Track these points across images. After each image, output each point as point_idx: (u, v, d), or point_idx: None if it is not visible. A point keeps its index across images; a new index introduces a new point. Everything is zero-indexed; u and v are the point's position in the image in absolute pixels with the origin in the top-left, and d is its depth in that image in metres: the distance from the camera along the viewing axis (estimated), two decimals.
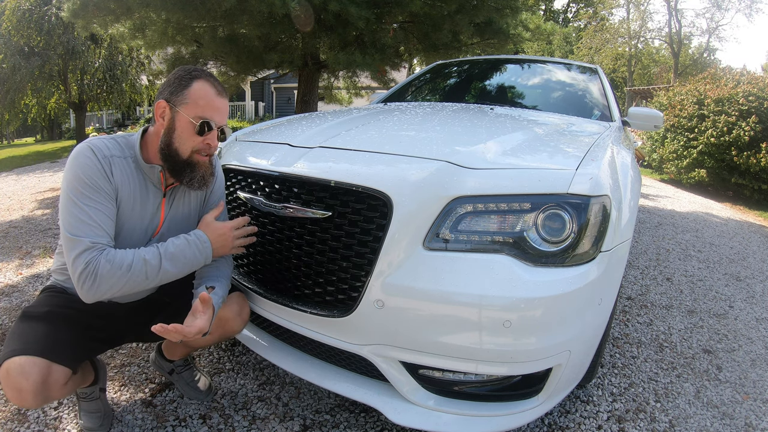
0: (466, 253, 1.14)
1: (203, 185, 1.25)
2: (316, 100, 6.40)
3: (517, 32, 6.05)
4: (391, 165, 1.25)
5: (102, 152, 1.15)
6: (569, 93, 2.68)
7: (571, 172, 1.20)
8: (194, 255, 1.20)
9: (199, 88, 1.17)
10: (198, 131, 1.17)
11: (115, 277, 1.09)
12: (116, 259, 1.10)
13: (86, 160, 1.13)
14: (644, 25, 25.23)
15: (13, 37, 12.38)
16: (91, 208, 1.10)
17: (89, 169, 1.12)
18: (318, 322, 1.26)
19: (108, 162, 1.16)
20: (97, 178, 1.12)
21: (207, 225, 1.26)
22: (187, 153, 1.19)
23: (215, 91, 1.19)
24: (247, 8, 4.37)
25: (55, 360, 1.10)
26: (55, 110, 17.11)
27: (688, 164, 7.27)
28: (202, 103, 1.17)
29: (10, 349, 1.09)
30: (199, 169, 1.22)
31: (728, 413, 1.66)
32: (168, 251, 1.16)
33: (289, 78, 10.83)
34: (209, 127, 1.18)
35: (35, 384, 1.06)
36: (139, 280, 1.13)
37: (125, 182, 1.19)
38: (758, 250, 3.96)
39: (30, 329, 1.15)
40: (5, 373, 1.06)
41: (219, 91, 1.20)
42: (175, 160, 1.19)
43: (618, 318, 2.38)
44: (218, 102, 1.19)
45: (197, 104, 1.16)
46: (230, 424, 1.44)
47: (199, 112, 1.16)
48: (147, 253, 1.14)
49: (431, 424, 1.20)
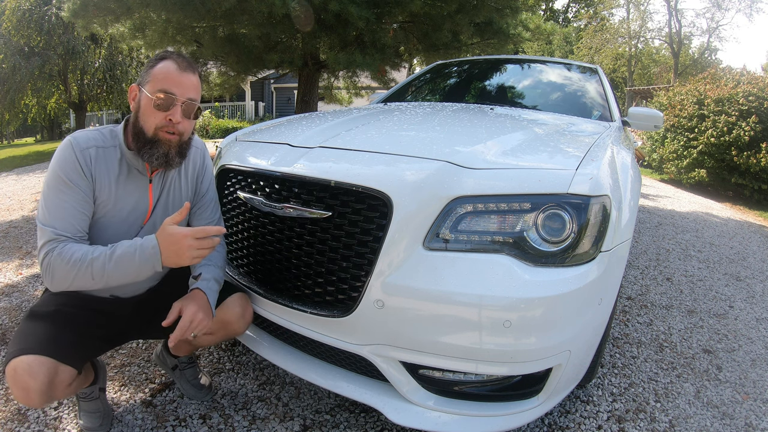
0: (466, 253, 1.14)
1: (166, 164, 1.21)
2: (316, 100, 6.40)
3: (517, 32, 6.05)
4: (391, 165, 1.25)
5: (80, 145, 1.17)
6: (569, 93, 2.68)
7: (571, 172, 1.20)
8: (140, 261, 1.12)
9: (163, 66, 1.18)
10: (156, 105, 1.16)
11: (64, 271, 1.10)
12: (65, 254, 1.10)
13: (63, 154, 1.15)
14: (644, 25, 25.24)
15: (13, 37, 12.39)
16: (61, 201, 1.13)
17: (65, 163, 1.14)
18: (318, 322, 1.26)
19: (85, 155, 1.16)
20: (71, 173, 1.14)
21: (162, 230, 1.14)
22: (151, 130, 1.18)
23: (177, 66, 1.18)
24: (247, 8, 4.37)
25: (62, 360, 1.10)
26: (55, 110, 17.12)
27: (688, 164, 7.27)
28: (161, 77, 1.16)
29: (17, 348, 1.09)
30: (161, 146, 1.19)
31: (728, 413, 1.66)
32: (115, 254, 1.12)
33: (289, 78, 10.82)
34: (170, 101, 1.16)
35: (42, 384, 1.06)
36: (86, 279, 1.11)
37: (105, 171, 1.19)
38: (758, 250, 3.95)
39: (37, 328, 1.15)
40: (12, 372, 1.06)
41: (182, 66, 1.19)
42: (141, 139, 1.19)
43: (618, 318, 2.38)
44: (180, 76, 1.18)
45: (157, 79, 1.17)
46: (230, 424, 1.44)
47: (158, 86, 1.16)
48: (96, 251, 1.12)
49: (431, 424, 1.20)
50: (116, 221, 1.23)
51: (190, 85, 1.20)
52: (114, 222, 1.23)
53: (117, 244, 1.14)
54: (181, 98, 1.18)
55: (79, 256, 1.10)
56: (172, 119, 1.17)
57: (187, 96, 1.19)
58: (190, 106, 1.21)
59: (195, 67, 1.23)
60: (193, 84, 1.21)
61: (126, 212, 1.24)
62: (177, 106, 1.18)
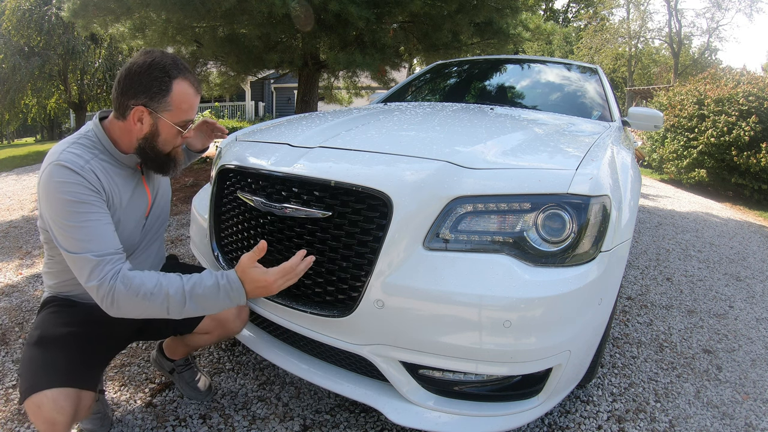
0: (466, 253, 1.14)
1: (178, 169, 1.29)
2: (316, 100, 6.40)
3: (517, 32, 6.05)
4: (391, 165, 1.25)
5: (76, 164, 1.08)
6: (569, 93, 2.68)
7: (571, 172, 1.20)
8: (224, 301, 1.11)
9: (181, 91, 1.14)
10: (180, 132, 1.20)
11: (133, 304, 1.04)
12: (133, 285, 1.02)
13: (64, 179, 1.05)
14: (644, 25, 25.24)
15: (13, 37, 12.39)
16: (84, 223, 1.04)
17: (71, 186, 1.05)
18: (318, 322, 1.26)
19: (87, 170, 1.09)
20: (81, 193, 1.05)
21: (244, 271, 1.11)
22: (168, 148, 1.22)
23: (194, 91, 1.18)
24: (247, 8, 4.37)
25: (83, 387, 1.09)
26: (55, 110, 17.13)
27: (688, 164, 7.27)
28: (185, 107, 1.17)
29: (36, 381, 1.05)
30: (178, 158, 1.27)
31: (728, 413, 1.66)
32: (195, 292, 1.07)
33: (289, 78, 10.82)
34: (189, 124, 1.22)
35: (69, 416, 1.04)
36: (160, 312, 1.07)
37: (107, 179, 1.17)
38: (758, 250, 3.95)
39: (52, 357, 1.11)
40: (36, 408, 1.03)
41: (197, 88, 1.20)
42: (157, 158, 1.22)
43: (618, 318, 2.38)
44: (196, 100, 1.20)
45: (181, 109, 1.16)
46: (230, 424, 1.44)
47: (183, 116, 1.17)
48: (172, 286, 1.06)
49: (431, 424, 1.20)
50: (127, 222, 1.23)
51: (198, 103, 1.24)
52: (127, 225, 1.23)
53: (190, 277, 1.08)
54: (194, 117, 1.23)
55: (150, 288, 1.03)
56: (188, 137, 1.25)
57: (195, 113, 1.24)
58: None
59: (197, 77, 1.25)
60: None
61: (133, 211, 1.25)
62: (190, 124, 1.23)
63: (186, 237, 3.37)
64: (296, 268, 1.15)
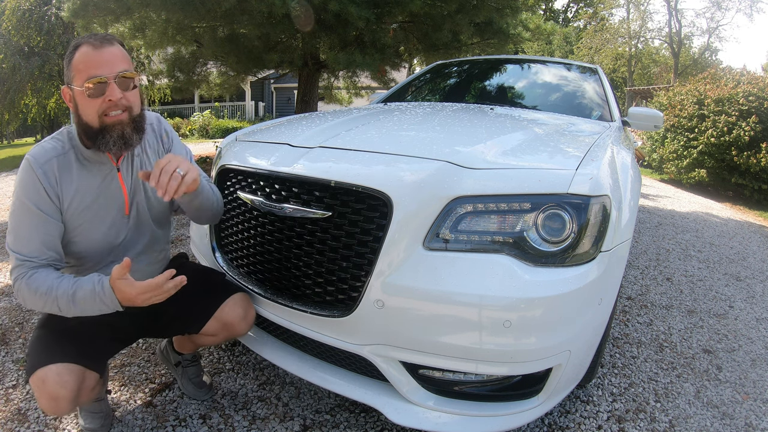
0: (466, 253, 1.14)
1: (125, 144, 1.15)
2: (316, 100, 6.40)
3: (517, 32, 6.05)
4: (391, 165, 1.25)
5: (38, 161, 1.12)
6: (569, 93, 2.68)
7: (571, 172, 1.20)
8: (100, 306, 1.10)
9: (79, 54, 1.10)
10: (90, 94, 1.09)
11: (32, 301, 1.10)
12: (32, 284, 1.09)
13: (24, 177, 1.12)
14: (644, 25, 25.24)
15: (13, 37, 12.39)
16: (26, 226, 1.11)
17: (27, 187, 1.11)
18: (318, 322, 1.26)
19: (46, 169, 1.12)
20: (34, 197, 1.11)
21: (113, 282, 1.08)
22: (96, 120, 1.12)
23: (92, 48, 1.09)
24: (247, 8, 4.37)
25: (88, 366, 1.11)
26: (55, 110, 17.10)
27: (688, 164, 7.27)
28: (82, 66, 1.08)
29: (41, 358, 1.08)
30: (114, 129, 1.13)
31: (728, 413, 1.66)
32: (77, 296, 1.09)
33: (289, 78, 10.82)
34: (101, 85, 1.09)
35: (72, 392, 1.06)
36: (55, 310, 1.10)
37: (70, 179, 1.16)
38: (758, 250, 3.95)
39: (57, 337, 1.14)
40: (40, 383, 1.05)
41: (97, 44, 1.10)
42: (90, 133, 1.13)
43: (618, 318, 2.38)
44: (99, 55, 1.09)
45: (79, 69, 1.09)
46: (230, 424, 1.44)
47: (83, 76, 1.08)
48: (60, 288, 1.09)
49: (431, 424, 1.20)
50: (98, 222, 1.21)
51: (113, 58, 1.11)
52: (96, 225, 1.21)
53: (78, 282, 1.09)
54: (111, 75, 1.09)
55: (45, 289, 1.08)
56: (111, 99, 1.10)
57: (116, 70, 1.10)
58: (124, 79, 1.12)
59: (111, 38, 1.14)
60: (116, 55, 1.12)
61: (105, 210, 1.22)
62: (110, 84, 1.10)
63: (186, 237, 3.37)
64: (162, 287, 1.08)
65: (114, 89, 1.10)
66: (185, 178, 1.11)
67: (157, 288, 1.07)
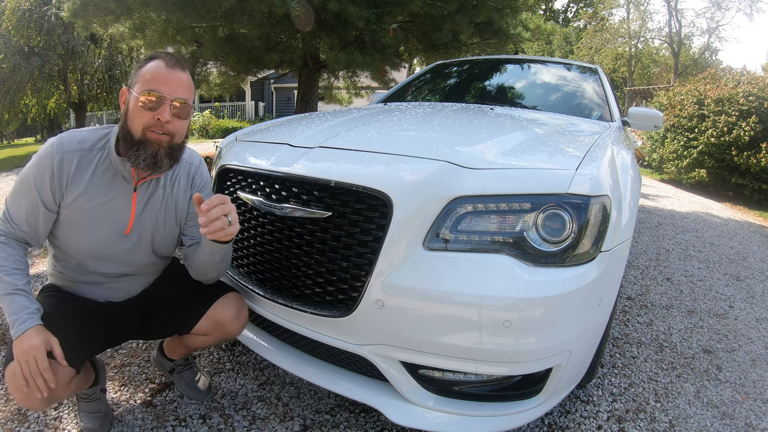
0: (466, 253, 1.14)
1: (154, 165, 1.16)
2: (316, 100, 6.40)
3: (517, 32, 6.05)
4: (391, 165, 1.25)
5: (63, 146, 1.18)
6: (569, 93, 2.68)
7: (571, 172, 1.20)
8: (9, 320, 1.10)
9: (150, 65, 1.15)
10: (143, 105, 1.12)
11: None
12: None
13: (43, 154, 1.17)
14: (644, 25, 25.24)
15: (13, 37, 12.40)
16: (22, 198, 1.18)
17: (38, 166, 1.17)
18: (318, 322, 1.26)
19: (64, 159, 1.17)
20: (38, 180, 1.16)
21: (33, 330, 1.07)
22: (139, 131, 1.14)
23: (165, 65, 1.15)
24: (247, 8, 4.37)
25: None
26: (55, 110, 17.12)
27: (688, 164, 7.27)
28: (149, 76, 1.13)
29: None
30: (149, 146, 1.15)
31: (728, 413, 1.66)
32: (5, 299, 1.10)
33: (289, 78, 10.82)
34: (158, 101, 1.12)
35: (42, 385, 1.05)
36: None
37: (83, 178, 1.18)
38: (758, 250, 3.95)
39: None
40: (11, 376, 1.05)
41: (170, 64, 1.15)
42: (128, 141, 1.15)
43: (618, 318, 2.38)
44: (168, 74, 1.14)
45: (144, 79, 1.13)
46: (230, 424, 1.44)
47: (145, 86, 1.12)
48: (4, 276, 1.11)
49: (431, 424, 1.20)
50: (94, 229, 1.21)
51: (179, 83, 1.15)
52: (92, 230, 1.21)
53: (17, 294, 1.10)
54: (169, 97, 1.13)
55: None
56: (160, 118, 1.13)
57: (176, 95, 1.14)
58: (179, 105, 1.15)
59: (185, 65, 1.19)
60: (183, 82, 1.16)
61: (105, 218, 1.22)
62: (165, 105, 1.13)
63: None
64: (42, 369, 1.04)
65: (166, 110, 1.14)
66: (229, 228, 1.13)
67: (41, 367, 1.04)
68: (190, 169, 1.37)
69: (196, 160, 1.39)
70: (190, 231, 1.37)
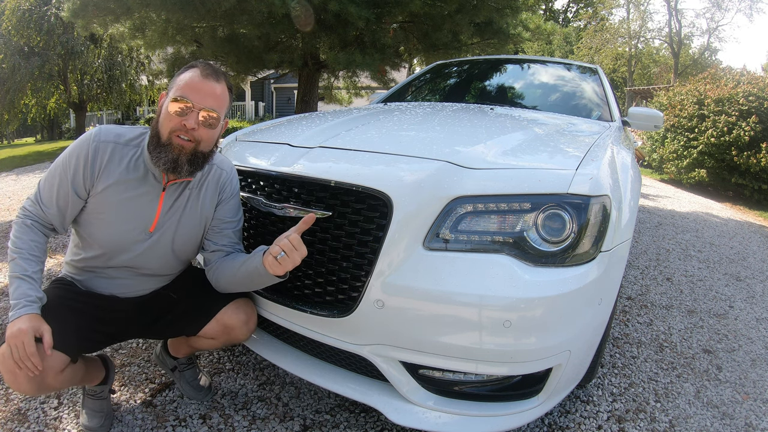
0: (466, 253, 1.14)
1: (174, 169, 1.18)
2: (316, 100, 6.41)
3: (517, 32, 6.06)
4: (391, 165, 1.25)
5: (100, 136, 1.23)
6: (569, 93, 2.68)
7: (571, 173, 1.20)
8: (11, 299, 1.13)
9: (187, 73, 1.19)
10: (172, 110, 1.15)
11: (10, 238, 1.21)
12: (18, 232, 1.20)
13: (81, 142, 1.22)
14: (644, 25, 25.25)
15: (13, 37, 12.39)
16: (56, 182, 1.22)
17: (74, 154, 1.21)
18: (318, 322, 1.26)
19: (100, 148, 1.21)
20: (73, 167, 1.20)
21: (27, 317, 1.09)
22: (165, 135, 1.17)
23: (200, 74, 1.17)
24: (247, 8, 4.37)
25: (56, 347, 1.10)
26: (55, 110, 17.12)
27: (688, 164, 7.27)
28: (182, 84, 1.16)
29: None
30: (172, 150, 1.17)
31: (728, 413, 1.66)
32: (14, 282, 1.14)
33: (289, 78, 10.83)
34: (186, 108, 1.15)
35: None
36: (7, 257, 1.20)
37: (115, 170, 1.21)
38: (758, 250, 3.96)
39: None
40: (1, 358, 1.07)
41: (205, 74, 1.17)
42: (155, 142, 1.19)
43: (618, 318, 2.38)
44: (200, 84, 1.16)
45: (178, 86, 1.17)
46: (230, 424, 1.44)
47: (177, 93, 1.16)
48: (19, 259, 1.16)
49: (431, 424, 1.20)
50: (120, 221, 1.23)
51: (210, 93, 1.17)
52: (117, 222, 1.23)
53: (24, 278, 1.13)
54: (198, 105, 1.16)
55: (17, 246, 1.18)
56: (186, 124, 1.15)
57: (205, 104, 1.16)
58: (207, 115, 1.17)
59: (221, 76, 1.21)
60: (214, 92, 1.18)
61: (131, 213, 1.24)
62: (194, 112, 1.16)
63: None
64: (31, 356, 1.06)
65: (192, 118, 1.16)
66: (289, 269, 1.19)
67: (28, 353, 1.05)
68: (221, 176, 1.36)
69: (228, 167, 1.39)
70: (215, 237, 1.36)
